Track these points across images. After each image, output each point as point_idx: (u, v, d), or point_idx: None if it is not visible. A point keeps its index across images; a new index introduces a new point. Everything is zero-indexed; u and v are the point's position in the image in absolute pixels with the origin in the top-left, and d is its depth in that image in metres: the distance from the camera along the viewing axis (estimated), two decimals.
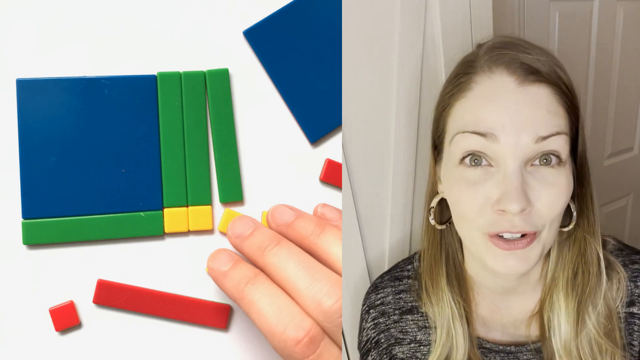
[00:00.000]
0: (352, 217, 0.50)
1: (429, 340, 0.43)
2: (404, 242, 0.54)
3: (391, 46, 0.48)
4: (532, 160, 0.37)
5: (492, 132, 0.37)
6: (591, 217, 0.41)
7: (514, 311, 0.43)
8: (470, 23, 0.52)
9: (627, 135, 0.82)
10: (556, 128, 0.37)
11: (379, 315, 0.45)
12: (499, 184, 0.37)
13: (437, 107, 0.41)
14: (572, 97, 0.38)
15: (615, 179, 0.81)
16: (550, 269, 0.42)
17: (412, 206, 0.54)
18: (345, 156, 0.49)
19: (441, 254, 0.43)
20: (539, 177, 0.37)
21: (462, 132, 0.38)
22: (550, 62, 0.38)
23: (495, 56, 0.38)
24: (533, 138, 0.36)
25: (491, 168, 0.38)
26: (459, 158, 0.38)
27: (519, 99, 0.37)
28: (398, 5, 0.47)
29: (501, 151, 0.37)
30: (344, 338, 0.53)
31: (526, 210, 0.37)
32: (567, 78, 0.39)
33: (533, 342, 0.42)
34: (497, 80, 0.38)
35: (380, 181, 0.52)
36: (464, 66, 0.40)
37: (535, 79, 0.37)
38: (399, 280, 0.46)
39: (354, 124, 0.48)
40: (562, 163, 0.37)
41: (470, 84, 0.38)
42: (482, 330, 0.43)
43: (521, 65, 0.37)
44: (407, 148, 0.52)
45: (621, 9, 0.75)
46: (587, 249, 0.41)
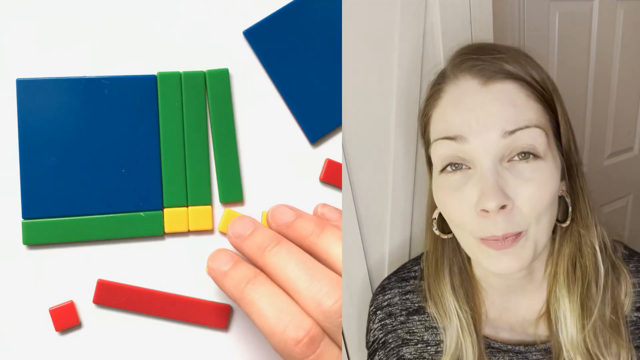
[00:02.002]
0: (352, 217, 0.50)
1: (436, 340, 0.44)
2: (404, 242, 0.54)
3: (391, 46, 0.48)
4: (509, 157, 0.37)
5: (460, 134, 0.37)
6: (584, 210, 0.41)
7: (522, 311, 0.43)
8: (470, 23, 0.52)
9: (627, 135, 0.82)
10: (525, 122, 0.37)
11: (386, 316, 0.45)
12: (477, 184, 0.37)
13: (419, 121, 0.42)
14: (544, 90, 0.39)
15: (615, 179, 0.81)
16: (552, 265, 0.42)
17: (412, 205, 0.54)
18: (345, 156, 0.49)
19: (444, 263, 0.43)
20: (516, 173, 0.37)
21: (436, 139, 0.39)
22: (516, 59, 0.39)
23: (458, 63, 0.39)
24: (500, 133, 0.37)
25: (469, 170, 0.38)
26: (439, 167, 0.39)
27: (484, 98, 0.37)
28: (398, 5, 0.47)
29: (472, 151, 0.37)
30: (344, 338, 0.53)
31: (507, 208, 0.37)
32: (539, 73, 0.39)
33: (542, 342, 0.42)
34: (462, 84, 0.38)
35: (380, 181, 0.52)
36: (436, 78, 0.41)
37: (499, 77, 0.38)
38: (405, 281, 0.46)
39: (354, 124, 0.48)
40: (540, 158, 0.37)
41: (440, 93, 0.40)
42: (490, 330, 0.43)
43: (483, 66, 0.38)
44: (407, 148, 0.52)
45: (621, 9, 0.75)
46: (582, 242, 0.41)
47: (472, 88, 0.38)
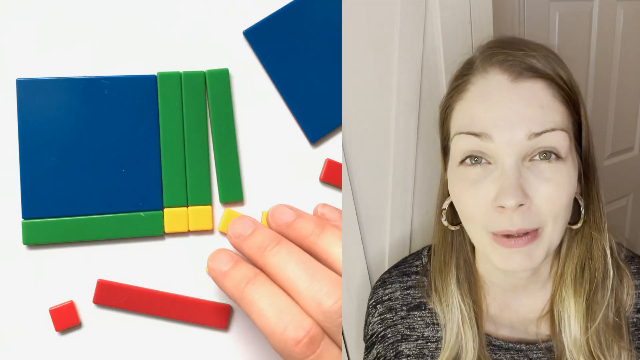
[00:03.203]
0: (352, 217, 0.50)
1: (436, 337, 0.44)
2: (403, 242, 0.54)
3: (391, 46, 0.48)
4: (531, 156, 0.37)
5: (485, 131, 0.37)
6: (597, 213, 0.41)
7: (524, 309, 0.43)
8: (470, 23, 0.52)
9: (627, 135, 0.82)
10: (551, 124, 0.37)
11: (386, 310, 0.45)
12: (497, 180, 0.37)
13: (441, 110, 0.42)
14: (570, 92, 0.38)
15: (615, 179, 0.81)
16: (559, 266, 0.42)
17: (412, 206, 0.54)
18: (345, 156, 0.49)
19: (452, 255, 0.43)
20: (537, 173, 0.37)
21: (459, 133, 0.39)
22: (547, 57, 0.38)
23: (489, 56, 0.39)
24: (526, 135, 0.37)
25: (490, 166, 0.38)
26: (459, 159, 0.39)
27: (512, 96, 0.37)
28: (398, 5, 0.47)
29: (496, 149, 0.37)
30: (344, 338, 0.53)
31: (524, 206, 0.37)
32: (566, 73, 0.39)
33: (543, 340, 0.42)
34: (491, 79, 0.38)
35: (380, 181, 0.52)
36: (462, 68, 0.40)
37: (529, 74, 0.37)
38: (407, 276, 0.46)
39: (354, 124, 0.48)
40: (562, 159, 0.37)
41: (467, 85, 0.39)
42: (491, 327, 0.43)
43: (514, 62, 0.38)
44: (407, 148, 0.52)
45: (621, 9, 0.75)
46: (593, 245, 0.41)
47: (501, 84, 0.37)
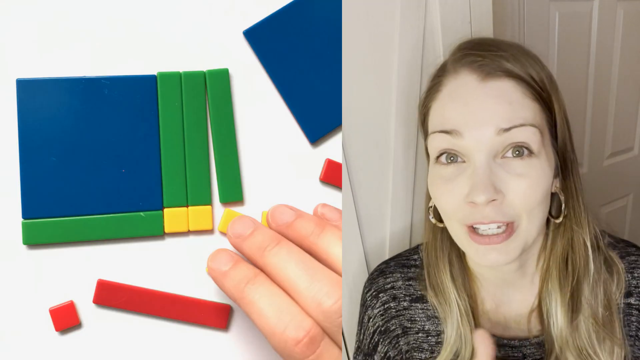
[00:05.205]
0: (352, 217, 0.50)
1: (437, 330, 0.44)
2: (403, 242, 0.54)
3: (391, 46, 0.48)
4: (503, 153, 0.38)
5: (456, 129, 0.38)
6: (577, 208, 0.41)
7: (515, 305, 0.43)
8: (470, 23, 0.52)
9: (627, 135, 0.82)
10: (520, 120, 0.38)
11: (390, 299, 0.45)
12: (470, 177, 0.38)
13: (419, 112, 0.43)
14: (541, 89, 0.39)
15: (615, 179, 0.81)
16: (545, 260, 0.42)
17: (412, 206, 0.54)
18: (345, 156, 0.49)
19: (443, 251, 0.44)
20: (509, 169, 0.38)
21: (434, 132, 0.40)
22: (517, 56, 0.39)
23: (459, 57, 0.40)
24: (495, 130, 0.37)
25: (463, 164, 0.39)
26: (434, 157, 0.40)
27: (481, 94, 0.38)
28: (398, 5, 0.47)
29: (467, 146, 0.38)
30: (344, 338, 0.53)
31: (497, 201, 0.37)
32: (538, 71, 0.39)
33: (535, 336, 0.43)
34: (461, 79, 0.39)
35: (380, 181, 0.52)
36: (437, 70, 0.41)
37: (498, 74, 0.38)
38: (407, 268, 0.46)
39: (354, 124, 0.48)
40: (534, 155, 0.38)
41: (439, 87, 0.40)
42: (487, 324, 0.44)
43: (483, 62, 0.38)
44: (407, 148, 0.52)
45: (621, 9, 0.75)
46: (574, 239, 0.41)
47: (470, 83, 0.38)
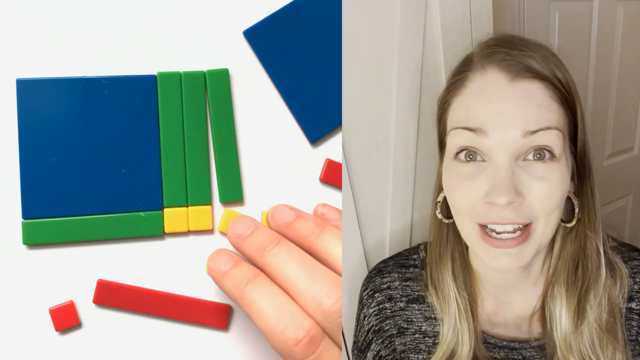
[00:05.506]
0: (352, 217, 0.50)
1: (434, 331, 0.43)
2: (403, 242, 0.54)
3: (391, 46, 0.48)
4: (525, 155, 0.38)
5: (481, 127, 0.38)
6: (592, 213, 0.41)
7: (516, 307, 0.43)
8: (470, 23, 0.52)
9: (627, 135, 0.82)
10: (546, 123, 0.37)
11: (386, 299, 0.45)
12: (490, 177, 0.38)
13: (438, 105, 0.42)
14: (567, 93, 0.39)
15: (615, 179, 0.81)
16: (552, 263, 0.42)
17: (412, 206, 0.54)
18: (345, 156, 0.49)
19: (447, 248, 0.43)
20: (530, 172, 0.38)
21: (455, 128, 0.39)
22: (545, 58, 0.39)
23: (488, 54, 0.39)
24: (521, 132, 0.37)
25: (484, 163, 0.38)
26: (453, 153, 0.39)
27: (509, 94, 0.37)
28: (398, 5, 0.47)
29: (491, 146, 0.37)
30: (344, 338, 0.53)
31: (516, 203, 0.37)
32: (564, 74, 0.39)
33: (535, 339, 0.42)
34: (489, 77, 0.38)
35: (380, 181, 0.52)
36: (461, 64, 0.41)
37: (526, 75, 0.38)
38: (405, 268, 0.46)
39: (354, 124, 0.48)
40: (556, 158, 0.38)
41: (465, 82, 0.39)
42: (487, 325, 0.43)
43: (512, 61, 0.38)
44: (407, 148, 0.52)
45: (621, 9, 0.75)
46: (587, 244, 0.41)
47: (498, 82, 0.38)
